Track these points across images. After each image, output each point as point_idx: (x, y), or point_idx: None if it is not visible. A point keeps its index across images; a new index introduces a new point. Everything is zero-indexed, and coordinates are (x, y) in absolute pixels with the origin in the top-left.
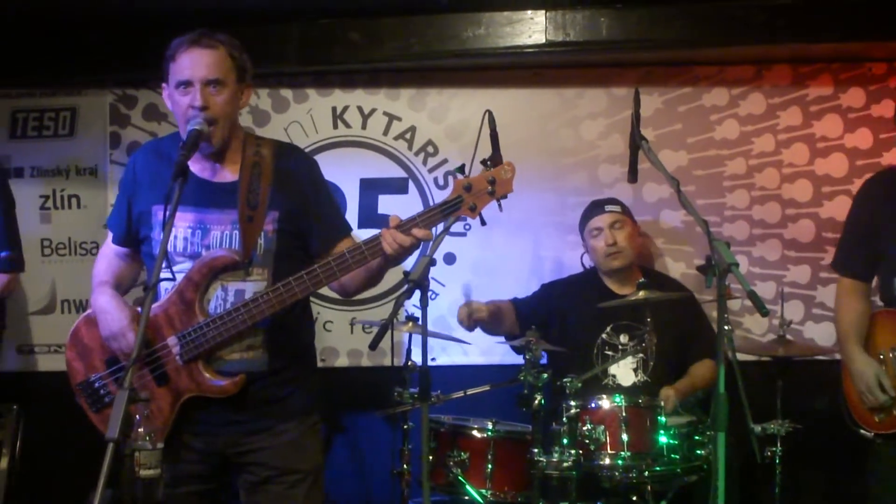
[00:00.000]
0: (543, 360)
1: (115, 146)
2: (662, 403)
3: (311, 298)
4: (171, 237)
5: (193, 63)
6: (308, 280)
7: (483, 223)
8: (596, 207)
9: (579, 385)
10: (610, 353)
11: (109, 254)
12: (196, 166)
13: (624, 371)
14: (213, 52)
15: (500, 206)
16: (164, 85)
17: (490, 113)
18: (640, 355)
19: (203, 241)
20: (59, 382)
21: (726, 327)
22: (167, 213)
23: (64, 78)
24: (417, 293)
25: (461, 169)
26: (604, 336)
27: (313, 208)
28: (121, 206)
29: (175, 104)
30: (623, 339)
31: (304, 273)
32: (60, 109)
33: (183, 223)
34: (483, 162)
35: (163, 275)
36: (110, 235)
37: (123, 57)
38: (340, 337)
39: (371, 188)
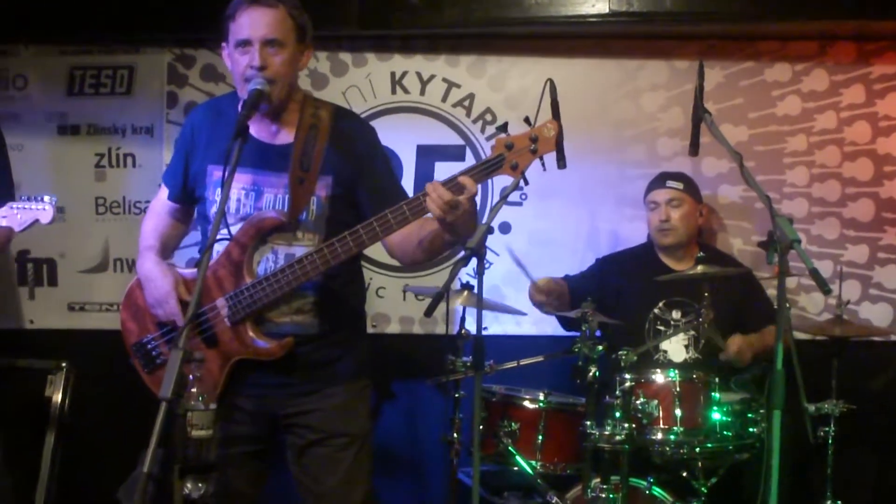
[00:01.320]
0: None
1: (172, 106)
2: (728, 348)
3: (364, 264)
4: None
5: (253, 22)
6: (351, 240)
7: (526, 182)
8: (658, 180)
9: (634, 358)
10: (662, 328)
11: (161, 211)
12: (254, 127)
13: (675, 347)
14: (273, 12)
15: (543, 164)
16: (223, 45)
17: (552, 81)
18: (692, 332)
19: (256, 204)
20: (110, 341)
21: (787, 305)
22: (226, 173)
23: (122, 36)
24: (473, 261)
25: (503, 127)
26: (656, 311)
27: (369, 175)
28: (177, 162)
29: (234, 64)
30: (675, 314)
31: (348, 233)
32: (118, 67)
33: (238, 184)
34: (525, 120)
35: (220, 235)
36: (163, 191)
37: (182, 16)
38: (393, 303)
39: (428, 155)
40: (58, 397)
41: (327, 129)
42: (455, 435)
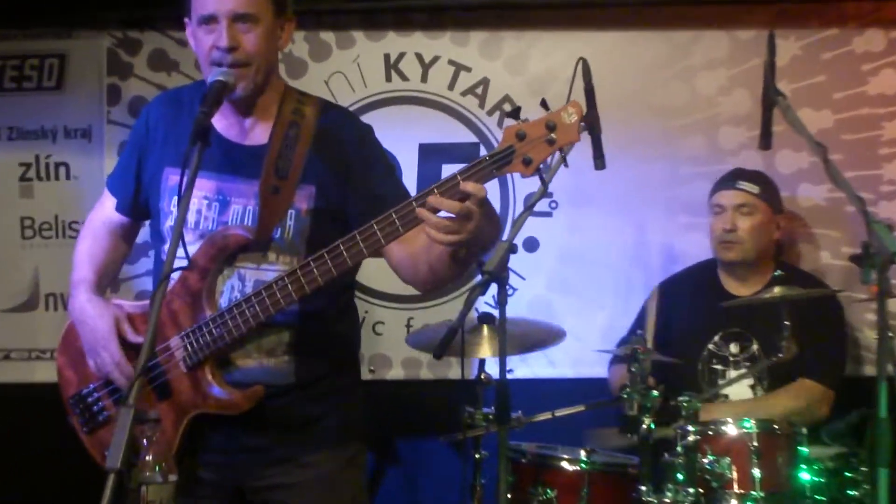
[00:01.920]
0: None
1: (114, 102)
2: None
3: (359, 293)
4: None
5: None
6: (330, 260)
7: (543, 182)
8: (727, 180)
9: (699, 406)
10: (718, 366)
11: (99, 228)
12: (221, 123)
13: (739, 389)
14: None
15: (564, 160)
16: (185, 21)
17: (584, 62)
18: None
19: (220, 217)
20: (42, 395)
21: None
22: (184, 181)
23: (49, 17)
24: (494, 287)
25: (515, 113)
26: (711, 346)
27: (363, 185)
28: (128, 163)
29: (198, 44)
30: (733, 349)
31: (325, 251)
32: (46, 56)
33: (199, 192)
34: (542, 103)
35: (178, 262)
36: (108, 201)
37: None
38: (394, 342)
39: (433, 156)
40: None
41: (311, 127)
42: None
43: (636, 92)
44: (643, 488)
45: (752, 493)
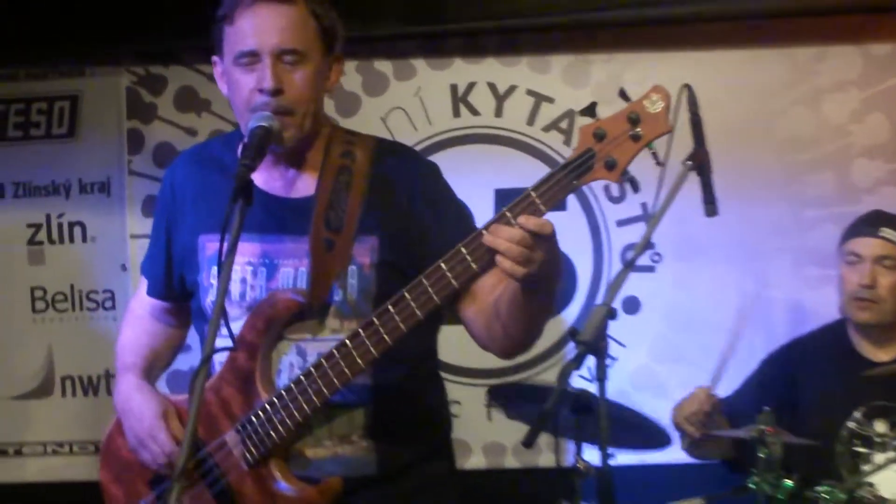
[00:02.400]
0: None
1: (136, 150)
2: None
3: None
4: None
5: (261, 26)
6: (396, 314)
7: (636, 189)
8: (866, 224)
9: (843, 497)
10: (862, 448)
11: (141, 314)
12: (262, 176)
13: (889, 475)
14: (289, 11)
15: (656, 158)
16: (214, 60)
17: (689, 88)
18: None
19: (269, 284)
20: (57, 498)
21: None
22: (224, 248)
23: (59, 51)
24: (591, 360)
25: (589, 110)
26: (851, 424)
27: (435, 230)
28: (157, 240)
29: (234, 87)
30: (880, 427)
31: (390, 304)
32: (55, 98)
33: (241, 259)
34: (621, 93)
35: (221, 342)
36: (143, 285)
37: (147, 19)
38: (473, 424)
39: (510, 201)
40: None
41: (365, 171)
42: None
43: (751, 121)
44: None
45: None
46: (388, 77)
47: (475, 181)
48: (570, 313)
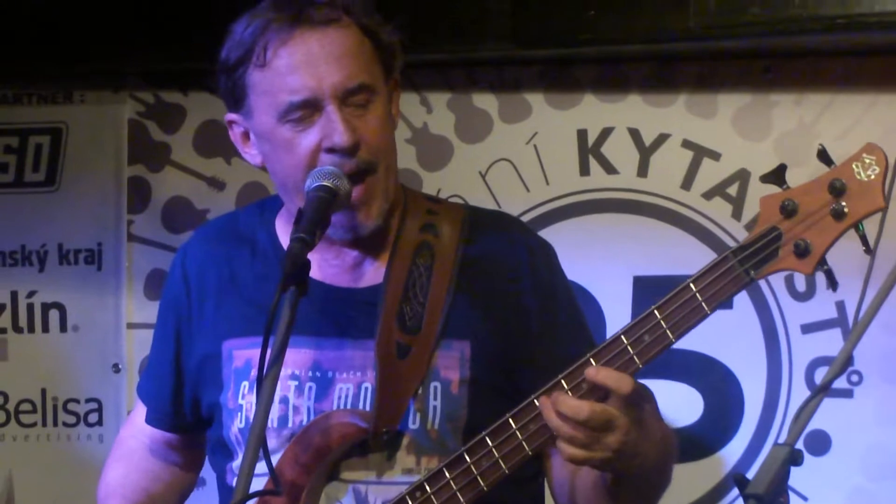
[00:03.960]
0: None
1: (140, 207)
2: None
3: None
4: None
5: (311, 61)
6: (496, 448)
7: (833, 287)
8: None
9: None
10: None
11: (134, 447)
12: (313, 259)
13: None
14: (341, 34)
15: (864, 243)
16: (231, 118)
17: None
18: None
19: (320, 405)
20: None
21: None
22: (267, 357)
23: (39, 67)
24: None
25: (776, 175)
26: None
27: (547, 339)
28: (162, 350)
29: (281, 152)
30: None
31: (487, 434)
32: (31, 131)
33: (283, 371)
34: (820, 154)
35: (255, 483)
36: (139, 410)
37: (159, 28)
38: None
39: (656, 294)
40: None
41: (453, 253)
42: None
43: None
44: None
45: None
46: (491, 117)
47: (608, 263)
48: (733, 451)
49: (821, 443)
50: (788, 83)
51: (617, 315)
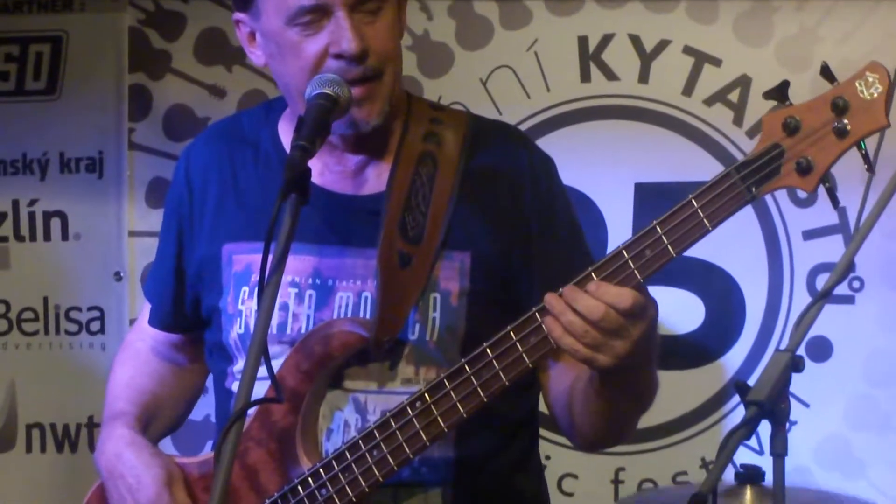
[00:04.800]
0: None
1: (141, 115)
2: None
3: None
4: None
5: None
6: (497, 360)
7: (835, 204)
8: None
9: None
10: None
11: (140, 349)
12: (315, 166)
13: None
14: None
15: (867, 161)
16: (239, 18)
17: None
18: None
19: (319, 313)
20: None
21: None
22: (269, 265)
23: None
24: (763, 426)
25: (779, 92)
26: None
27: (546, 250)
28: (165, 250)
29: (287, 55)
30: None
31: (488, 346)
32: (31, 39)
33: (284, 278)
34: (823, 71)
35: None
36: (146, 311)
37: None
38: None
39: (658, 201)
40: None
41: (456, 162)
42: None
43: None
44: None
45: None
46: (492, 24)
47: (610, 171)
48: (734, 358)
49: (822, 349)
50: None
51: (618, 221)
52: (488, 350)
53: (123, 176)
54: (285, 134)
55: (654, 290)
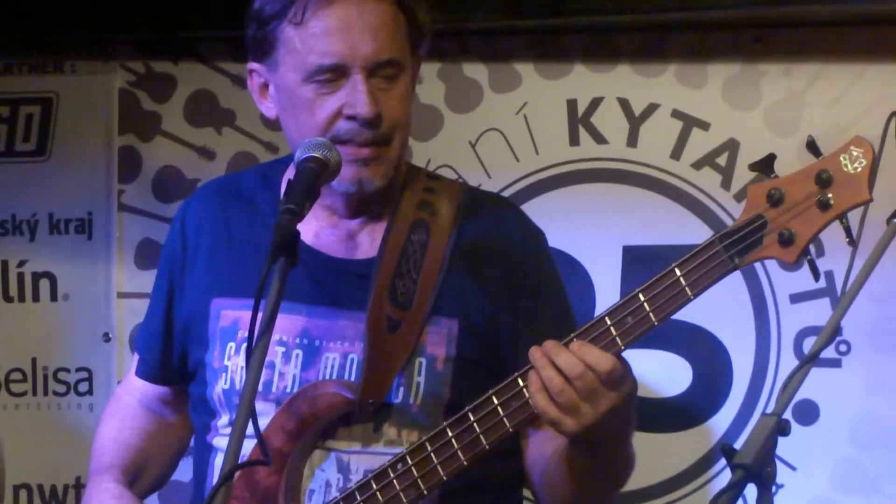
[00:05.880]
0: None
1: (131, 176)
2: None
3: None
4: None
5: (347, 28)
6: (478, 424)
7: (816, 277)
8: None
9: None
10: None
11: (128, 402)
12: (310, 228)
13: None
14: (380, 5)
15: (848, 234)
16: (253, 67)
17: None
18: None
19: (305, 373)
20: None
21: None
22: (256, 322)
23: (29, 36)
24: (752, 489)
25: (765, 164)
26: None
27: (533, 321)
28: (157, 302)
29: (301, 109)
30: None
31: (469, 410)
32: (22, 101)
33: (275, 337)
34: (809, 145)
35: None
36: (135, 363)
37: None
38: None
39: (646, 265)
40: None
41: (448, 231)
42: None
43: None
44: None
45: None
46: (481, 86)
47: (598, 234)
48: (721, 421)
49: (809, 413)
50: (778, 53)
51: (606, 285)
52: (470, 414)
53: (112, 237)
54: None
55: (642, 353)
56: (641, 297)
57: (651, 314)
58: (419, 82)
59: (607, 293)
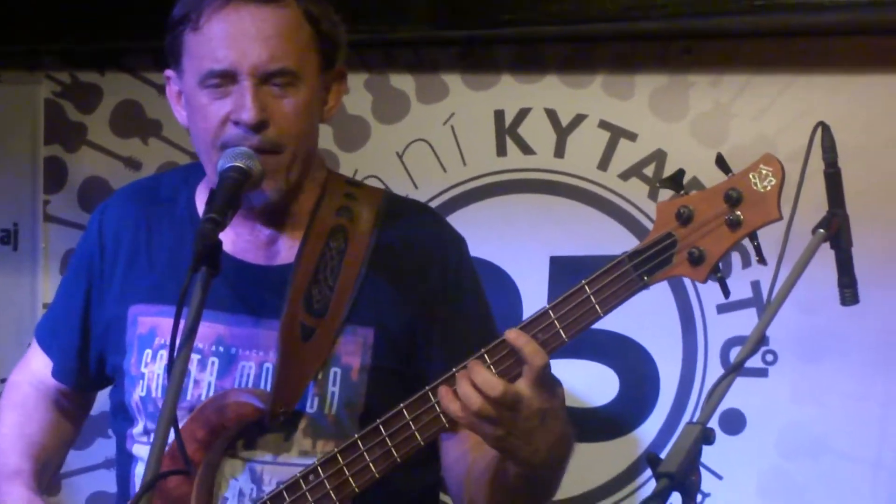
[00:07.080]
0: None
1: (56, 187)
2: None
3: None
4: (164, 370)
5: (239, 35)
6: (389, 437)
7: (726, 295)
8: None
9: None
10: None
11: (29, 394)
12: (231, 234)
13: None
14: (277, 13)
15: (759, 254)
16: (168, 75)
17: (827, 130)
18: None
19: (221, 381)
20: None
21: None
22: (179, 331)
23: None
24: (677, 498)
25: (674, 180)
26: None
27: (451, 330)
28: (70, 302)
29: (197, 114)
30: None
31: (381, 423)
32: None
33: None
34: (718, 161)
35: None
36: (37, 358)
37: (77, 8)
38: None
39: (573, 274)
40: None
41: (367, 237)
42: None
43: None
44: None
45: None
46: (408, 97)
47: (525, 244)
48: (648, 430)
49: (736, 422)
50: (705, 64)
51: (534, 295)
52: (381, 427)
53: (38, 248)
54: (201, 199)
55: (568, 363)
56: (552, 314)
57: (561, 331)
58: (345, 93)
59: (535, 304)
